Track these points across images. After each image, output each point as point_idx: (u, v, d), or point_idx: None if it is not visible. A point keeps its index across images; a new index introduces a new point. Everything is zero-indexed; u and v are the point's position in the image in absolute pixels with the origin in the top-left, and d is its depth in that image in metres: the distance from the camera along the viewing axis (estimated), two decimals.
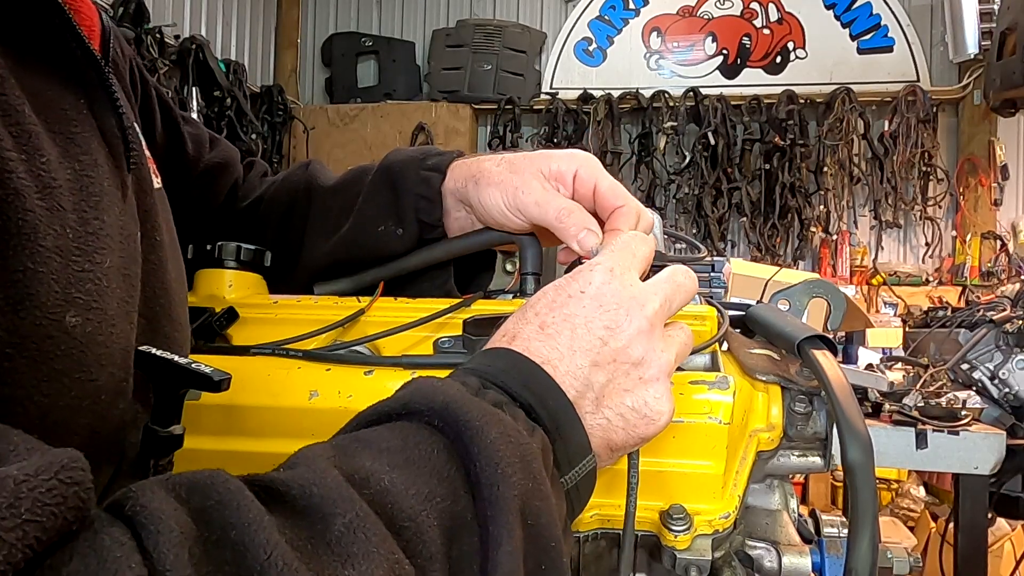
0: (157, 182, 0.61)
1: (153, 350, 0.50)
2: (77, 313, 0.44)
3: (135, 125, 0.57)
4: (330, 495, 0.36)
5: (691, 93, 5.30)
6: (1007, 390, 1.59)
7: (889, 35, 5.35)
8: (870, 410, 0.88)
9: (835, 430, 0.62)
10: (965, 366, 1.62)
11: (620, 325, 0.52)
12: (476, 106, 5.50)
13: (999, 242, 5.03)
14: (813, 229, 5.20)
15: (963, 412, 0.86)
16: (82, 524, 0.29)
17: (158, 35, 4.29)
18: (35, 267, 0.41)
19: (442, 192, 0.77)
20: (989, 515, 1.57)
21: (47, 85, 0.48)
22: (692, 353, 0.68)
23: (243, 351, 0.70)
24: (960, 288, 4.65)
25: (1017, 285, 3.37)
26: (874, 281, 5.04)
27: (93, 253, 0.46)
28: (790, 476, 0.76)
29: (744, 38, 5.53)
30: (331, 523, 0.36)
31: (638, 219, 0.69)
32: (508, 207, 0.72)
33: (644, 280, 0.57)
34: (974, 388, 1.59)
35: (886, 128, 5.13)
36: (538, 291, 0.56)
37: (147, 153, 0.60)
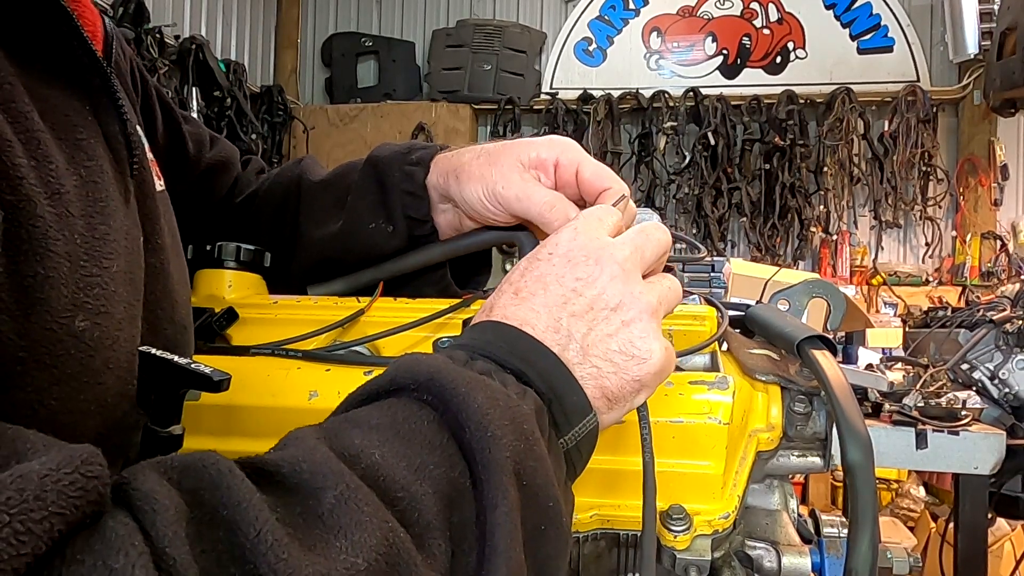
0: (160, 184, 0.61)
1: (153, 350, 0.50)
2: (86, 318, 0.44)
3: (138, 129, 0.57)
4: (319, 470, 0.37)
5: (691, 93, 5.30)
6: (1007, 390, 1.59)
7: (889, 35, 5.35)
8: (870, 410, 0.88)
9: (835, 430, 0.62)
10: (965, 366, 1.62)
11: (591, 274, 0.52)
12: (476, 106, 5.50)
13: (999, 242, 5.03)
14: (813, 229, 5.20)
15: (963, 412, 0.86)
16: (97, 515, 0.30)
17: (158, 35, 4.28)
18: (45, 272, 0.41)
19: (427, 187, 0.77)
20: (989, 515, 1.57)
21: (52, 91, 0.48)
22: (692, 353, 0.68)
23: (243, 351, 0.70)
24: (960, 288, 4.65)
25: (1017, 285, 3.37)
26: (874, 281, 5.04)
27: (101, 258, 0.46)
28: (790, 476, 0.76)
29: (744, 38, 5.53)
30: (322, 497, 0.36)
31: (627, 201, 0.68)
32: (489, 202, 0.71)
33: None
34: (974, 388, 1.59)
35: (886, 128, 5.12)
36: None
37: (150, 156, 0.60)
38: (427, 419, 0.43)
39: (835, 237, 5.21)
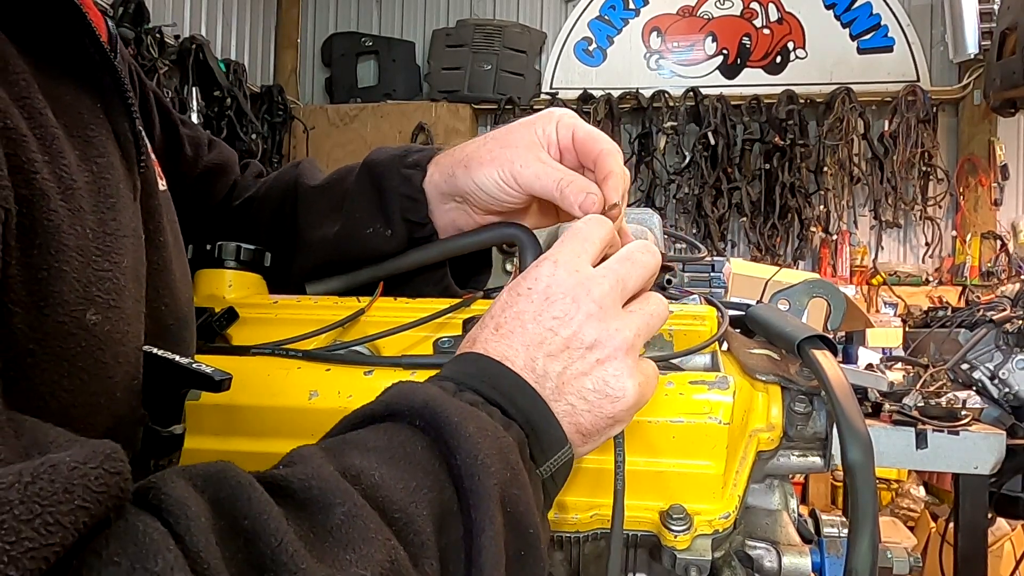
0: (163, 184, 0.62)
1: (154, 350, 0.50)
2: (96, 311, 0.45)
3: (142, 128, 0.57)
4: (328, 487, 0.39)
5: (691, 93, 5.30)
6: (1007, 390, 1.59)
7: (889, 35, 5.35)
8: (870, 410, 0.87)
9: (835, 430, 0.62)
10: (965, 366, 1.62)
11: (568, 313, 0.53)
12: (476, 106, 5.50)
13: (999, 242, 5.03)
14: (813, 229, 5.20)
15: (963, 412, 0.86)
16: (118, 512, 0.31)
17: (158, 35, 4.29)
18: (59, 266, 0.43)
19: (425, 189, 0.77)
20: (989, 515, 1.57)
21: (65, 89, 0.49)
22: (692, 353, 0.68)
23: (243, 351, 0.70)
24: (960, 288, 4.65)
25: (1017, 285, 3.37)
26: (874, 281, 5.04)
27: (111, 253, 0.47)
28: (790, 476, 0.76)
29: (744, 38, 5.53)
30: (331, 513, 0.38)
31: (621, 159, 0.68)
32: (506, 183, 0.71)
33: (604, 261, 0.57)
34: (974, 388, 1.59)
35: (886, 128, 5.12)
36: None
37: (152, 156, 0.61)
38: (421, 444, 0.45)
39: (835, 237, 5.21)
